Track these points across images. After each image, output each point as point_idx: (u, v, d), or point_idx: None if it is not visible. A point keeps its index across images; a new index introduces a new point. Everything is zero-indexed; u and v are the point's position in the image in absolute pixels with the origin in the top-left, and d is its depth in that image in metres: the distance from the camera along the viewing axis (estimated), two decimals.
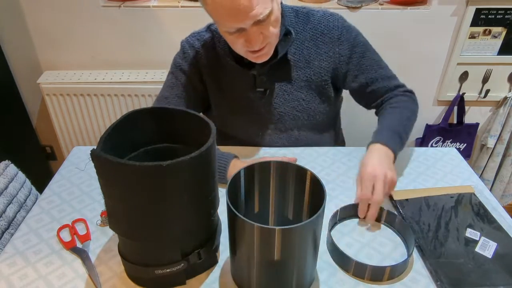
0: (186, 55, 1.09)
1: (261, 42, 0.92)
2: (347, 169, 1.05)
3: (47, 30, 1.75)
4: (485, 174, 2.01)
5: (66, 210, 0.92)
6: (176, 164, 0.60)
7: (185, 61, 1.09)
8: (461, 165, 1.08)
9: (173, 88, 1.10)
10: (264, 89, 1.08)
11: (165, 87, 1.11)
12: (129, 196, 0.63)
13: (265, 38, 0.92)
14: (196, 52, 1.09)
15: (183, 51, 1.10)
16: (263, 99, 1.09)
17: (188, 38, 1.11)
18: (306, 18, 1.06)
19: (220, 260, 0.80)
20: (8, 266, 0.78)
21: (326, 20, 1.06)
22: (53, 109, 1.82)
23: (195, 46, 1.09)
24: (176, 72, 1.10)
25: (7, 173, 1.04)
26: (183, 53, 1.10)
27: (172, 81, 1.10)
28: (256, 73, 1.05)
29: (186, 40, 1.11)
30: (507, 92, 1.86)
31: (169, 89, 1.10)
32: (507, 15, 1.66)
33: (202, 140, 0.67)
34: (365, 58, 1.07)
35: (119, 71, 1.84)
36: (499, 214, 0.90)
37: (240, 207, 0.76)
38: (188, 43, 1.10)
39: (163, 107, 0.76)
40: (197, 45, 1.09)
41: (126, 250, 0.73)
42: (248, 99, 1.10)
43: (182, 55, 1.10)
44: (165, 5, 1.69)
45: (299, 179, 0.74)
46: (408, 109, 1.06)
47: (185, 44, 1.10)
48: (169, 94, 1.09)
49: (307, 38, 1.06)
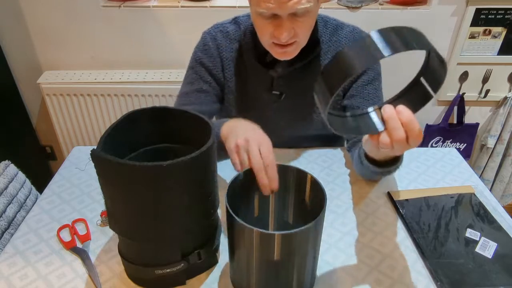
0: (206, 47, 1.06)
1: (290, 37, 0.89)
2: (347, 169, 1.05)
3: (47, 30, 1.75)
4: (485, 174, 2.02)
5: (66, 210, 0.92)
6: (176, 164, 0.60)
7: (205, 54, 1.05)
8: (461, 165, 1.08)
9: (193, 83, 1.06)
10: (279, 93, 1.06)
11: (185, 83, 1.08)
12: (129, 196, 0.63)
13: (295, 35, 0.89)
14: (218, 44, 1.05)
15: (203, 43, 1.06)
16: (276, 102, 1.07)
17: (211, 30, 1.07)
18: (334, 30, 1.03)
19: (220, 260, 0.80)
20: (8, 266, 0.78)
21: (353, 36, 1.03)
22: (53, 109, 1.82)
23: (217, 38, 1.05)
24: (196, 66, 1.06)
25: (7, 173, 1.04)
26: (204, 45, 1.06)
27: (192, 76, 1.07)
28: (275, 75, 1.03)
29: (208, 31, 1.08)
30: (507, 92, 1.86)
31: (189, 85, 1.06)
32: (507, 15, 1.67)
33: (202, 140, 0.67)
34: (370, 86, 1.03)
35: (119, 71, 1.84)
36: (499, 214, 0.90)
37: (240, 211, 0.75)
38: (209, 35, 1.06)
39: (163, 107, 0.76)
40: (219, 36, 1.05)
41: (126, 250, 0.73)
42: (261, 99, 1.08)
43: (203, 47, 1.06)
44: (165, 5, 1.69)
45: (299, 183, 0.74)
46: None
47: (207, 36, 1.07)
48: (189, 89, 1.06)
49: (331, 50, 1.03)
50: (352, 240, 0.84)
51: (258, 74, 1.05)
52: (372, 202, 0.95)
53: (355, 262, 0.79)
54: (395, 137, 0.62)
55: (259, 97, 1.08)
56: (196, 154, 0.62)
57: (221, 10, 1.67)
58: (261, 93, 1.07)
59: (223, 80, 1.08)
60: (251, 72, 1.05)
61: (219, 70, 1.07)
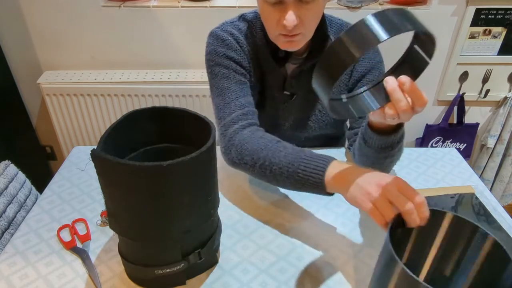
0: (227, 42, 0.98)
1: (296, 26, 0.85)
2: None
3: (47, 30, 1.75)
4: (485, 174, 2.02)
5: (66, 210, 0.92)
6: (176, 164, 0.60)
7: (229, 48, 0.98)
8: (461, 165, 1.08)
9: (229, 77, 0.97)
10: (290, 93, 1.04)
11: (218, 79, 0.98)
12: (129, 196, 0.63)
13: (301, 24, 0.86)
14: (236, 38, 0.99)
15: (221, 38, 0.98)
16: (286, 102, 1.06)
17: (223, 27, 1.01)
18: (339, 29, 1.03)
19: (220, 260, 0.80)
20: (8, 266, 0.78)
21: None
22: (53, 109, 1.82)
23: (234, 34, 0.99)
24: (223, 61, 0.97)
25: (7, 173, 1.04)
26: (223, 41, 0.98)
27: (223, 71, 0.97)
28: (288, 75, 1.01)
29: (220, 29, 1.00)
30: (507, 92, 1.86)
31: (226, 80, 0.97)
32: (507, 15, 1.67)
33: (202, 140, 0.67)
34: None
35: (119, 71, 1.84)
36: (499, 214, 0.90)
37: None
38: (225, 32, 0.99)
39: (163, 107, 0.76)
40: (235, 32, 1.00)
41: (126, 250, 0.73)
42: (273, 98, 1.06)
43: (222, 43, 0.98)
44: (165, 5, 1.69)
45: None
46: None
47: (221, 33, 0.99)
48: (228, 84, 0.97)
49: None
50: (352, 240, 0.84)
51: (272, 71, 1.03)
52: None
53: (356, 262, 0.79)
54: (400, 108, 0.64)
55: (272, 96, 1.06)
56: (196, 154, 0.62)
57: (221, 10, 1.67)
58: (274, 92, 1.05)
59: (250, 72, 1.02)
60: (266, 69, 1.03)
61: (246, 62, 1.00)
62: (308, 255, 0.81)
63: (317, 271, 0.78)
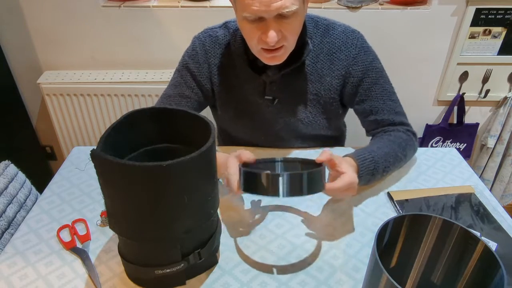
0: (194, 52, 1.05)
1: (278, 40, 0.87)
2: None
3: (47, 30, 1.75)
4: (485, 174, 2.01)
5: (66, 210, 0.92)
6: (176, 164, 0.60)
7: (193, 60, 1.05)
8: (461, 165, 1.08)
9: (177, 86, 1.07)
10: (272, 98, 1.05)
11: (170, 85, 1.09)
12: (129, 196, 0.63)
13: (282, 38, 0.88)
14: (206, 50, 1.05)
15: (192, 47, 1.06)
16: (270, 107, 1.06)
17: (200, 35, 1.07)
18: (325, 30, 1.01)
19: (220, 260, 0.80)
20: (8, 266, 0.78)
21: (346, 36, 1.01)
22: (53, 109, 1.82)
23: (205, 44, 1.05)
24: (182, 70, 1.07)
25: (7, 173, 1.04)
26: (192, 50, 1.06)
27: (177, 79, 1.07)
28: (267, 81, 1.02)
29: (198, 36, 1.07)
30: (507, 92, 1.86)
31: (173, 88, 1.07)
32: (507, 15, 1.66)
33: (202, 140, 0.67)
34: (377, 86, 1.02)
35: (119, 71, 1.84)
36: (499, 214, 0.90)
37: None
38: (199, 40, 1.06)
39: (163, 107, 0.76)
40: (208, 42, 1.05)
41: (126, 250, 0.73)
42: (255, 104, 1.07)
43: (191, 52, 1.06)
44: (165, 5, 1.69)
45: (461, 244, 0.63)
46: (401, 149, 0.99)
47: (196, 41, 1.06)
48: (172, 92, 1.07)
49: (324, 51, 1.01)
50: (352, 240, 0.84)
51: (250, 80, 1.04)
52: (372, 202, 0.95)
53: (355, 262, 0.79)
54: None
55: (254, 102, 1.07)
56: (196, 154, 0.62)
57: (221, 10, 1.67)
58: (254, 98, 1.06)
59: (210, 86, 1.08)
60: (242, 77, 1.05)
61: (204, 77, 1.06)
62: (308, 255, 0.81)
63: (317, 271, 0.78)
